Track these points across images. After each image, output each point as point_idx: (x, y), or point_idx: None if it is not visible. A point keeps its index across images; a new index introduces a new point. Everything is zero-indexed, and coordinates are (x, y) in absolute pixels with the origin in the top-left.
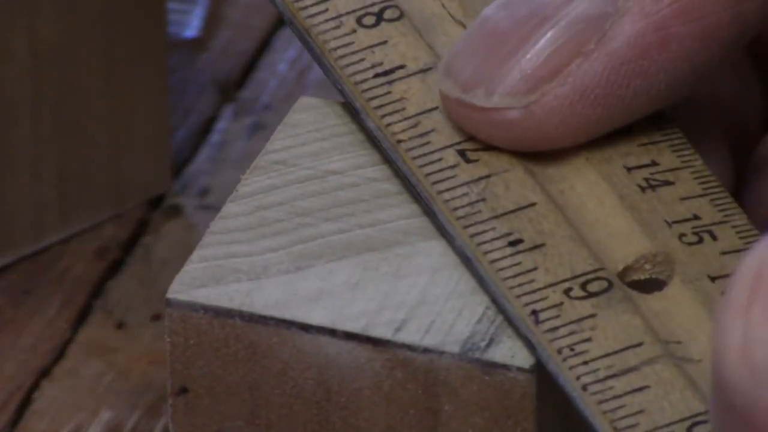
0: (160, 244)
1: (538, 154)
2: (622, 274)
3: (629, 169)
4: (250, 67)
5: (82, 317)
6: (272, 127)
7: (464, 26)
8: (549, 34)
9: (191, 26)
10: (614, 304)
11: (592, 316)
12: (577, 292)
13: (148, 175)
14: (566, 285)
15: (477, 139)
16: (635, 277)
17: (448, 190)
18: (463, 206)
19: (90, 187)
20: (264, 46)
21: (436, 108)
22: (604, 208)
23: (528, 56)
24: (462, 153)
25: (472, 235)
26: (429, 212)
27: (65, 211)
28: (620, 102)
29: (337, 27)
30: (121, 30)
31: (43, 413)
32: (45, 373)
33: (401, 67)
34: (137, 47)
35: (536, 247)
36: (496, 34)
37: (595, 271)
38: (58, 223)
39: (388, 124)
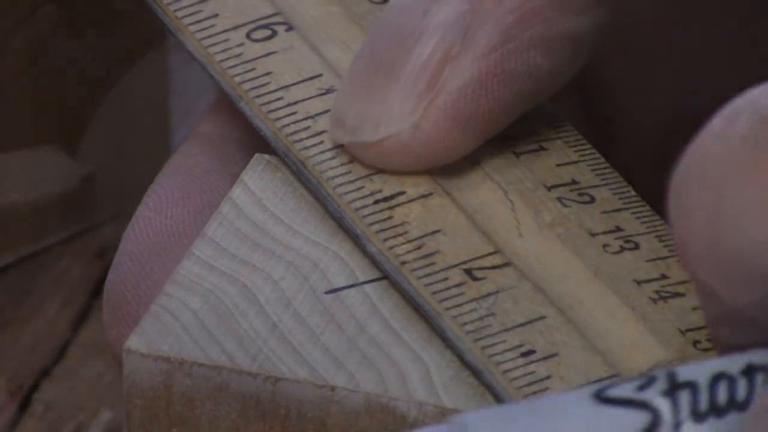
0: None
1: (546, 270)
2: None
3: (639, 283)
4: None
5: (82, 317)
6: None
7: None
8: (416, 50)
9: None
10: None
11: None
12: None
13: (148, 175)
14: None
15: (483, 257)
16: None
17: (455, 306)
18: (472, 321)
19: (90, 187)
20: None
21: (439, 230)
22: (615, 319)
23: (402, 78)
24: (468, 272)
25: (483, 347)
26: (438, 329)
27: (65, 211)
28: (501, 92)
29: (333, 158)
30: (122, 29)
31: (43, 413)
32: (45, 373)
33: (401, 193)
34: (137, 47)
35: (550, 356)
36: (368, 69)
37: (610, 377)
38: (58, 223)
39: (391, 247)
